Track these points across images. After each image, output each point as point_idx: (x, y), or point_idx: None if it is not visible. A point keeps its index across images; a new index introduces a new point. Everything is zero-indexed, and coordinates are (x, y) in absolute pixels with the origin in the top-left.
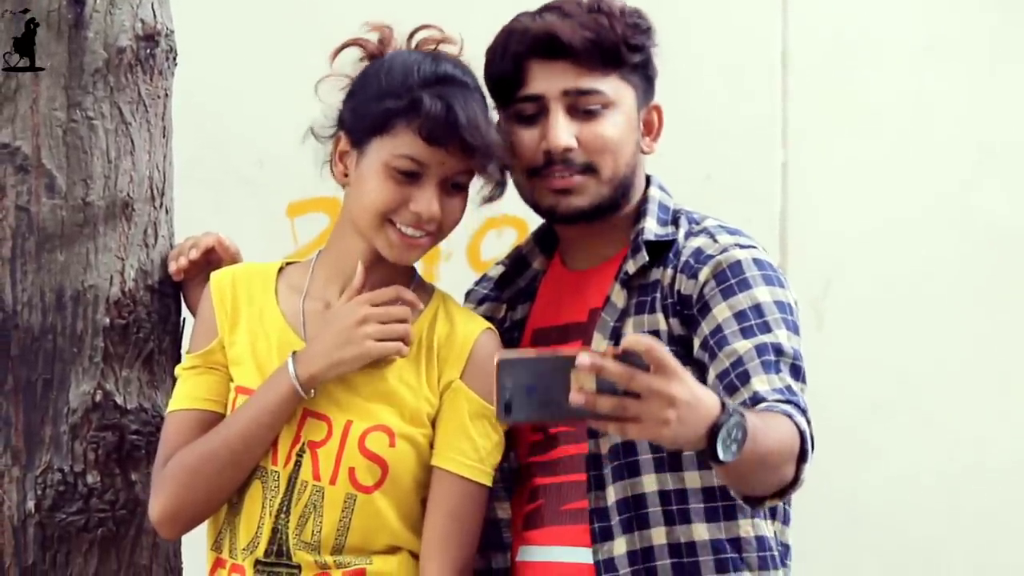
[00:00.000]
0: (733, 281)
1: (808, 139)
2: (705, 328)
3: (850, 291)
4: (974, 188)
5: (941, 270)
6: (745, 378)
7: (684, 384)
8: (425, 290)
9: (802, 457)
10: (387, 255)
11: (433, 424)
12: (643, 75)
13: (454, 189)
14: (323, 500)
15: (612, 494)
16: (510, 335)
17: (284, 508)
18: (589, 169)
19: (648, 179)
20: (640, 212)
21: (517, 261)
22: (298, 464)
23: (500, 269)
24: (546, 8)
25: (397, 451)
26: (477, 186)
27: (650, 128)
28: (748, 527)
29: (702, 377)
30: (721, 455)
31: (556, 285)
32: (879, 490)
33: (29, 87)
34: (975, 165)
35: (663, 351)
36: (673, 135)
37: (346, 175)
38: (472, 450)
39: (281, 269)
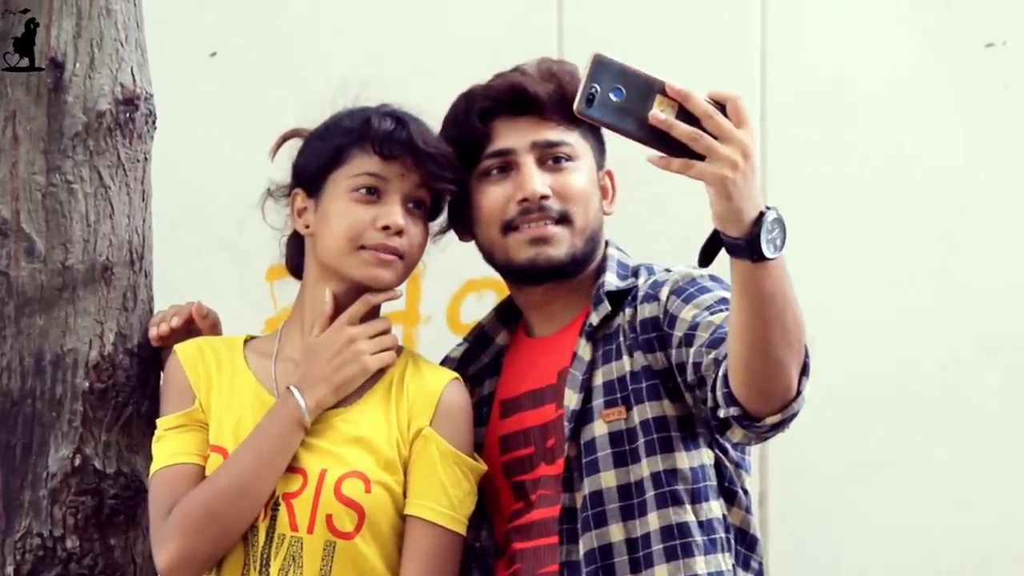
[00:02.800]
0: (692, 289)
1: (787, 199)
2: (678, 333)
3: (830, 350)
4: (955, 248)
5: (921, 330)
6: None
7: (754, 146)
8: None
9: (804, 370)
10: (361, 277)
11: (404, 471)
12: (597, 137)
13: (415, 209)
14: (302, 550)
15: (582, 546)
16: (479, 410)
17: (265, 562)
18: (564, 219)
19: (606, 242)
20: (600, 269)
21: (480, 337)
22: (274, 517)
23: (463, 348)
24: (500, 74)
25: (373, 497)
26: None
27: (606, 192)
28: (702, 564)
29: (685, 406)
30: (764, 246)
31: (522, 356)
32: (861, 550)
33: (8, 151)
34: (956, 221)
35: (746, 107)
36: (652, 196)
37: (307, 227)
38: (444, 498)
39: (246, 341)
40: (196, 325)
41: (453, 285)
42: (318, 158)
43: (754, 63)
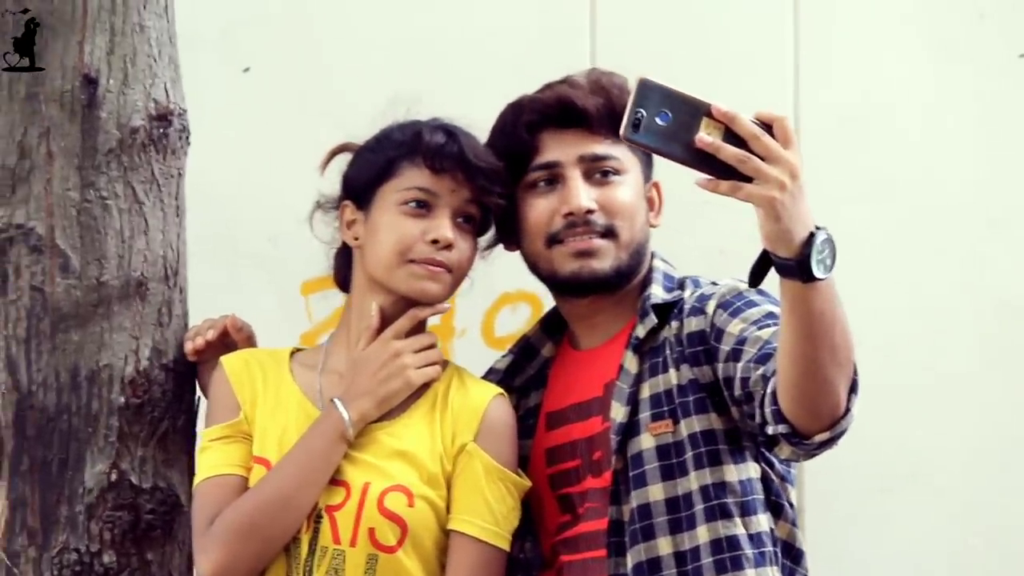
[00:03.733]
0: (740, 303)
1: (819, 213)
2: (725, 347)
3: (862, 362)
4: (985, 260)
5: (952, 343)
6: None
7: (802, 165)
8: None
9: (853, 387)
10: (409, 290)
11: (447, 486)
12: None
13: (464, 223)
14: (344, 563)
15: (630, 560)
16: (525, 422)
17: (308, 573)
18: (609, 233)
19: (652, 254)
20: (645, 282)
21: (525, 349)
22: (316, 530)
23: (508, 360)
24: (548, 85)
25: (416, 511)
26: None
27: (652, 203)
28: None
29: (732, 420)
30: (814, 266)
31: (567, 367)
32: (891, 570)
33: (43, 167)
34: (986, 237)
35: (791, 127)
36: (686, 209)
37: (356, 239)
38: (488, 513)
39: (292, 354)
40: (231, 338)
41: (487, 298)
42: (368, 170)
43: (787, 77)
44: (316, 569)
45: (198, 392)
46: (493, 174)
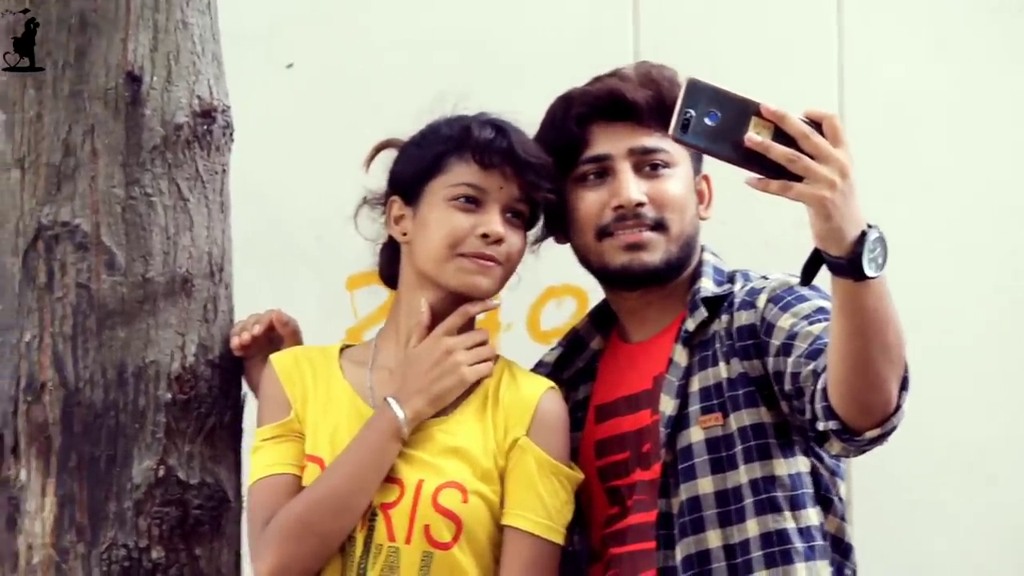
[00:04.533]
0: (790, 297)
1: (866, 206)
2: (775, 341)
3: (911, 360)
4: None
5: (1002, 339)
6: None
7: (852, 163)
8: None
9: (904, 384)
10: (459, 285)
11: (501, 482)
12: None
13: (514, 219)
14: (399, 561)
15: (679, 552)
16: (574, 415)
17: (362, 572)
18: (659, 226)
19: (702, 247)
20: (695, 275)
21: (574, 342)
22: (371, 527)
23: (556, 353)
24: (598, 78)
25: (470, 507)
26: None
27: (702, 196)
28: (804, 571)
29: (781, 414)
30: (866, 265)
31: (617, 360)
32: (951, 555)
33: (88, 165)
34: None
35: (840, 125)
36: (732, 202)
37: (404, 234)
38: (542, 508)
39: (342, 350)
40: (277, 333)
41: (533, 292)
42: (416, 166)
43: (831, 73)
44: (371, 567)
45: (244, 388)
46: (542, 169)
